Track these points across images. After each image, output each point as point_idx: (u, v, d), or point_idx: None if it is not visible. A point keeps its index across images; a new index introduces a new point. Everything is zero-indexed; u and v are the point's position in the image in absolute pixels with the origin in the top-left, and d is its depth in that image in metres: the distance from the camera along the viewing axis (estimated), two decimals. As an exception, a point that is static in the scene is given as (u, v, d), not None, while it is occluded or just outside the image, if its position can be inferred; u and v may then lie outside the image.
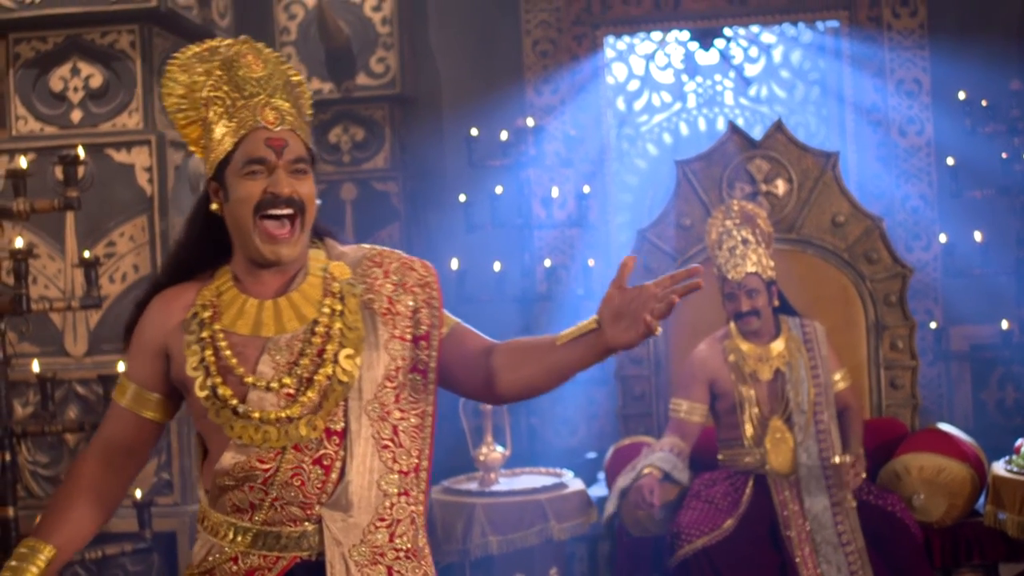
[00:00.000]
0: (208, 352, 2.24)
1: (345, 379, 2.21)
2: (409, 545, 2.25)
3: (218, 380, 2.22)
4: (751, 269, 4.23)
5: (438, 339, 2.32)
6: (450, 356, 2.33)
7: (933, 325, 6.02)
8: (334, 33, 6.17)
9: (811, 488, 4.13)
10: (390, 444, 2.25)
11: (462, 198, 6.03)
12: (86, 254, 4.19)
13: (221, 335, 2.24)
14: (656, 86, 6.80)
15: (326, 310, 2.26)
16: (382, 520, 2.23)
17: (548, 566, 4.47)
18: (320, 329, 2.24)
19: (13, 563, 2.26)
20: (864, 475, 4.19)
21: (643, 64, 6.78)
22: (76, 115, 4.78)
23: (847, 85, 6.41)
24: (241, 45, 2.30)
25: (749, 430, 4.26)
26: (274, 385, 2.21)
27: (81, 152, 4.16)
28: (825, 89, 6.64)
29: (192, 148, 2.37)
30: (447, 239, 6.23)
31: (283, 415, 2.19)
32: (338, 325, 2.25)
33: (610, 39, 6.62)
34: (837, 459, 4.18)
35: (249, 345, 2.24)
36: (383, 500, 2.23)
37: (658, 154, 6.76)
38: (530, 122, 5.99)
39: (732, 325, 4.31)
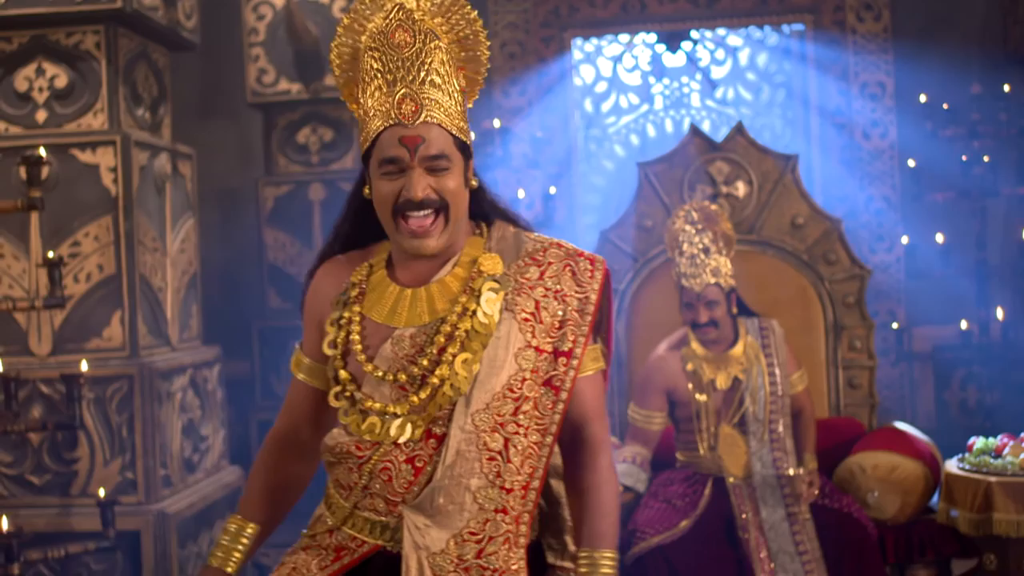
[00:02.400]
0: (342, 334, 2.25)
1: (456, 384, 2.14)
2: (499, 565, 2.17)
3: (340, 364, 2.24)
4: (710, 280, 4.24)
5: (580, 357, 2.20)
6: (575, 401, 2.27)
7: (895, 326, 6.10)
8: (302, 34, 6.19)
9: (767, 498, 4.17)
10: (497, 457, 2.16)
11: (429, 199, 6.06)
12: (50, 254, 4.21)
13: (358, 318, 2.24)
14: (623, 88, 6.86)
15: (458, 308, 2.18)
16: (473, 534, 2.16)
17: (508, 564, 4.50)
18: (446, 328, 2.17)
19: (224, 541, 2.42)
20: (817, 492, 4.22)
21: (610, 66, 6.83)
22: (41, 115, 4.80)
23: (812, 88, 6.48)
24: (396, 13, 2.15)
25: (705, 438, 4.30)
26: (388, 377, 2.18)
27: (43, 152, 4.19)
28: (790, 92, 6.70)
29: (350, 106, 2.28)
30: (415, 239, 6.26)
31: (390, 409, 2.17)
32: (465, 325, 2.16)
33: (578, 41, 6.68)
34: (792, 471, 4.22)
35: (378, 333, 2.22)
36: (478, 514, 2.16)
37: (625, 156, 6.81)
38: (497, 123, 6.04)
39: (689, 331, 4.34)
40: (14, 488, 4.67)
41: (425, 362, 2.16)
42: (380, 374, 2.18)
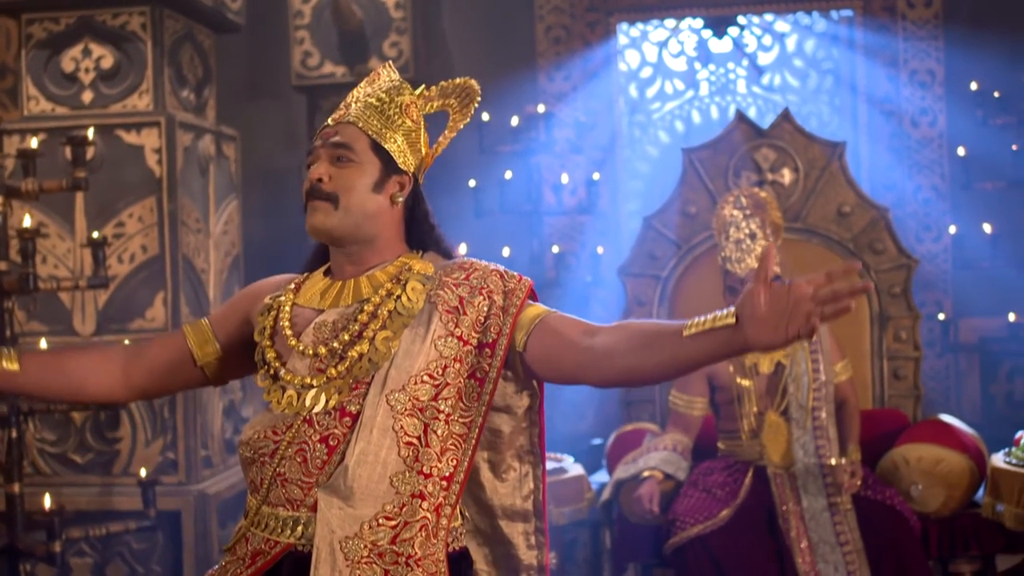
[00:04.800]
0: (270, 318, 2.34)
1: (375, 359, 2.20)
2: (413, 551, 2.15)
3: (267, 344, 2.30)
4: (755, 265, 4.21)
5: (503, 351, 2.23)
6: (543, 344, 2.21)
7: (942, 317, 6.01)
8: (348, 17, 6.19)
9: (809, 487, 4.13)
10: (415, 442, 2.17)
11: (472, 183, 6.05)
12: (94, 234, 4.23)
13: (288, 305, 2.32)
14: (669, 74, 6.79)
15: (382, 291, 2.26)
16: (388, 519, 2.16)
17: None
18: (368, 308, 2.24)
19: None
20: (859, 483, 4.17)
21: (656, 51, 6.77)
22: (87, 96, 4.83)
23: (860, 75, 6.38)
24: (389, 64, 2.43)
25: (747, 423, 4.27)
26: (309, 352, 2.23)
27: (90, 133, 4.20)
28: (838, 79, 6.61)
29: None
30: (456, 224, 6.24)
31: (307, 381, 2.21)
32: (388, 307, 2.23)
33: (623, 26, 6.61)
34: (834, 461, 4.18)
35: (305, 316, 2.30)
36: (393, 498, 2.16)
37: (670, 142, 6.74)
38: (540, 108, 6.01)
39: (732, 316, 4.30)
40: (57, 467, 4.71)
41: (347, 337, 2.22)
42: (302, 348, 2.25)
